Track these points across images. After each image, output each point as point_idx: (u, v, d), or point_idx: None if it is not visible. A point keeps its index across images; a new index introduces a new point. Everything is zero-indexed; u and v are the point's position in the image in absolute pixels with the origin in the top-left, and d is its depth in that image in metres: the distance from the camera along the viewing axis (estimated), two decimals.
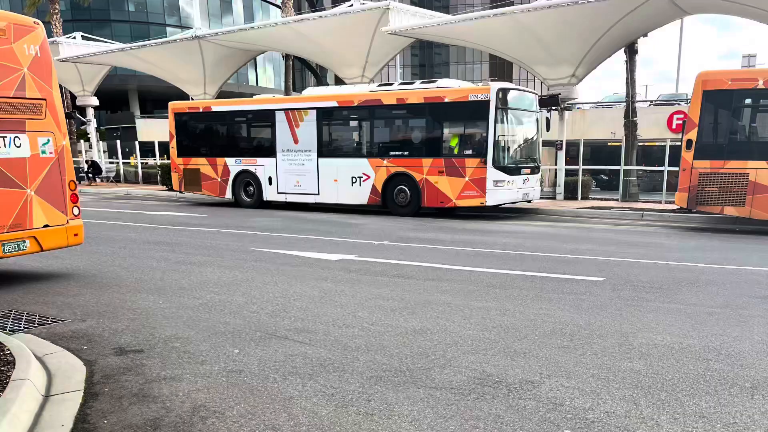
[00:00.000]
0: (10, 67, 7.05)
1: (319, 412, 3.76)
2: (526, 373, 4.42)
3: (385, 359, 4.72)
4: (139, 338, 5.27)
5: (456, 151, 14.75)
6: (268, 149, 17.26)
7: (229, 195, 18.08)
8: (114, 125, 31.81)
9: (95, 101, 29.62)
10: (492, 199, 14.39)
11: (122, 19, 50.51)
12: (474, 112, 14.35)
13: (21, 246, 7.22)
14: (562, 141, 18.73)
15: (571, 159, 20.09)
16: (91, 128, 29.97)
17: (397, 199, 15.51)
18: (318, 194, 16.61)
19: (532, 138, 15.80)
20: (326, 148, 16.42)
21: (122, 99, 48.47)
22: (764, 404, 3.90)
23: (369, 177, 15.73)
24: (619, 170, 18.40)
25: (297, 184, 16.86)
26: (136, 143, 28.57)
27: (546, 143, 18.13)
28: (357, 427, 3.56)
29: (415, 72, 75.08)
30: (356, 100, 15.89)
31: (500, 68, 63.68)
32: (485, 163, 14.20)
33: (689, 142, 12.58)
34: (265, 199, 17.52)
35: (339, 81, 24.03)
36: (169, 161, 20.53)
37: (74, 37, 27.91)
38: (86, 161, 28.58)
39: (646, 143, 23.41)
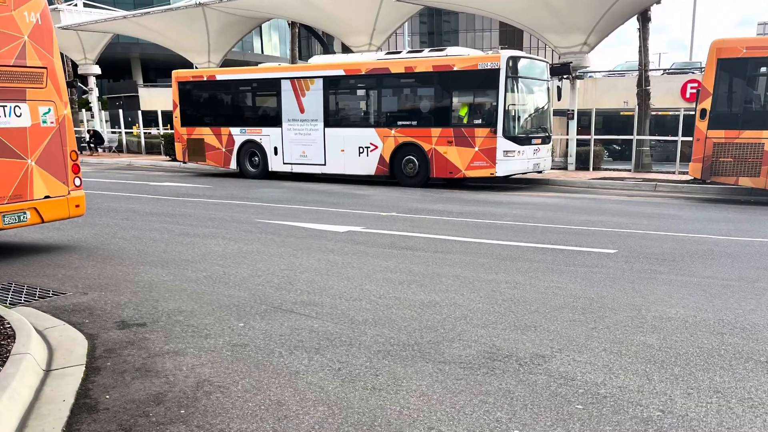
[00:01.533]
0: (11, 35, 6.97)
1: (325, 386, 3.71)
2: (537, 347, 4.36)
3: (393, 333, 4.66)
4: (141, 312, 5.22)
5: (465, 121, 14.57)
6: (273, 119, 17.09)
7: (233, 165, 17.97)
8: (116, 94, 31.39)
9: (97, 70, 29.33)
10: (502, 169, 14.26)
11: None
12: (484, 80, 14.16)
13: (21, 217, 7.18)
14: (573, 110, 18.52)
15: (582, 129, 19.91)
16: (93, 97, 29.75)
17: (405, 170, 15.39)
18: (324, 165, 16.47)
19: (543, 107, 15.62)
20: (333, 118, 16.25)
21: (125, 67, 47.99)
22: None
23: (376, 147, 15.58)
24: (631, 140, 18.25)
25: (303, 155, 16.72)
26: (139, 112, 28.36)
27: (557, 112, 17.94)
28: (364, 402, 3.50)
29: (424, 40, 74.12)
30: (363, 69, 15.67)
31: (510, 36, 62.79)
32: (495, 132, 14.05)
33: (703, 111, 12.44)
34: (270, 169, 17.41)
35: (346, 49, 23.72)
36: (172, 131, 20.39)
37: (76, 4, 27.61)
38: (88, 131, 28.39)
39: (660, 112, 23.14)
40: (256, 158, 17.61)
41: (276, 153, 17.17)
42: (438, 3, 20.09)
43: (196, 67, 25.24)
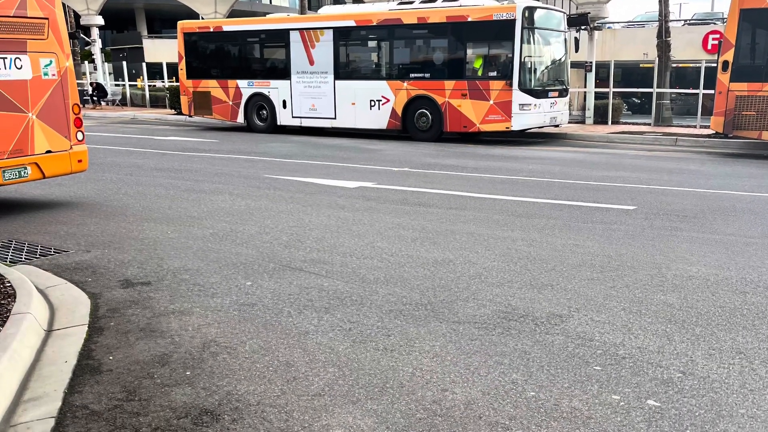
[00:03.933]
0: None
1: (335, 347, 3.64)
2: (554, 306, 4.29)
3: (406, 292, 4.57)
4: (146, 270, 5.13)
5: (480, 73, 14.32)
6: (282, 71, 16.81)
7: (241, 119, 17.77)
8: (120, 46, 30.82)
9: (100, 20, 28.74)
10: (518, 123, 14.05)
11: None
12: (499, 31, 13.88)
13: (22, 173, 7.12)
14: (591, 62, 18.33)
15: (601, 81, 19.69)
16: (96, 49, 29.26)
17: (417, 124, 15.18)
18: (334, 118, 16.26)
19: (560, 59, 15.34)
20: (343, 70, 15.97)
21: (129, 18, 47.29)
22: None
23: (388, 100, 15.34)
24: (651, 93, 18.07)
25: (312, 108, 16.50)
26: (143, 65, 27.97)
27: (575, 65, 17.68)
28: (375, 364, 3.43)
29: None
30: (375, 19, 15.33)
31: None
32: (510, 85, 13.80)
33: (725, 63, 12.20)
34: (278, 123, 17.20)
35: None
36: (178, 84, 20.15)
37: None
38: (91, 84, 28.07)
39: (680, 65, 22.90)
40: (264, 112, 17.38)
41: (285, 106, 16.94)
42: None
43: (203, 18, 24.76)
